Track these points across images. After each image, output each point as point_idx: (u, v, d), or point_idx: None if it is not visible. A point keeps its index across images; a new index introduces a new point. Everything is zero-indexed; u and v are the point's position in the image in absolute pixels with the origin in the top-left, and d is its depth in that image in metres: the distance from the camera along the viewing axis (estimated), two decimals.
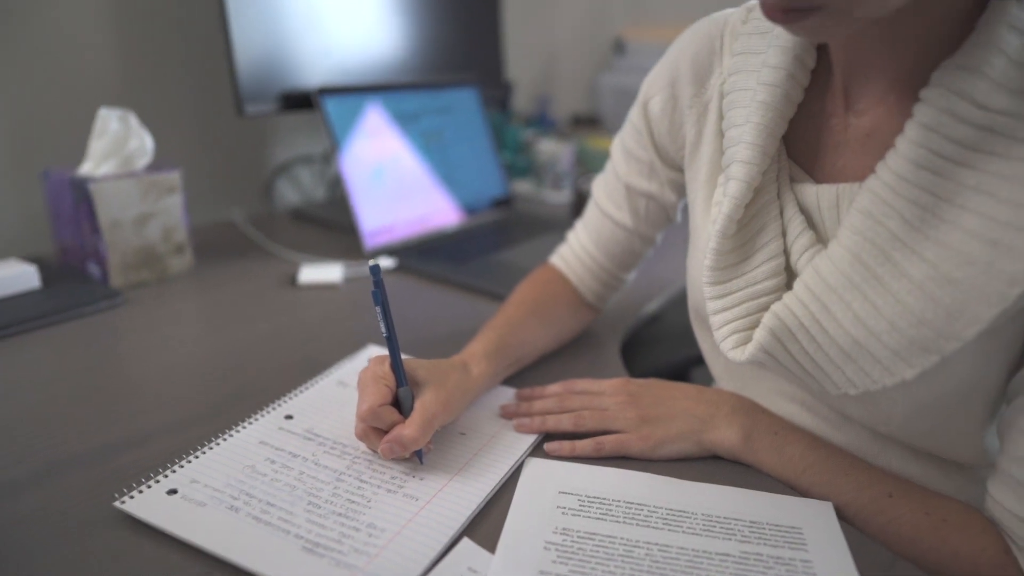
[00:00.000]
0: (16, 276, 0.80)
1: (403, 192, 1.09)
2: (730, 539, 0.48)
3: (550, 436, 0.59)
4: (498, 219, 1.23)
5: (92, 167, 0.86)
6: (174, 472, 0.51)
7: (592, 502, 0.51)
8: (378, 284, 0.53)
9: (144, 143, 0.88)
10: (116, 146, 0.86)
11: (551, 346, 0.72)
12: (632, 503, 0.51)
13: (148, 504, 0.48)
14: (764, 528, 0.49)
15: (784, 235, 0.51)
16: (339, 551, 0.44)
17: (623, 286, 0.77)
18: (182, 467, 0.52)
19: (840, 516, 0.50)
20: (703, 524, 0.49)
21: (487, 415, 0.61)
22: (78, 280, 0.85)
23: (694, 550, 0.46)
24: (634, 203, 0.69)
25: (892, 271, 0.45)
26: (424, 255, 1.02)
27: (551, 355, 0.73)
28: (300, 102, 1.07)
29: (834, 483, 0.52)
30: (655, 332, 0.93)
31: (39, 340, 0.73)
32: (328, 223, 1.17)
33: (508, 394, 0.65)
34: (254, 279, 0.92)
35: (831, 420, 0.55)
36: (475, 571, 0.44)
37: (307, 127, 1.33)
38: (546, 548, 0.46)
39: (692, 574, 0.44)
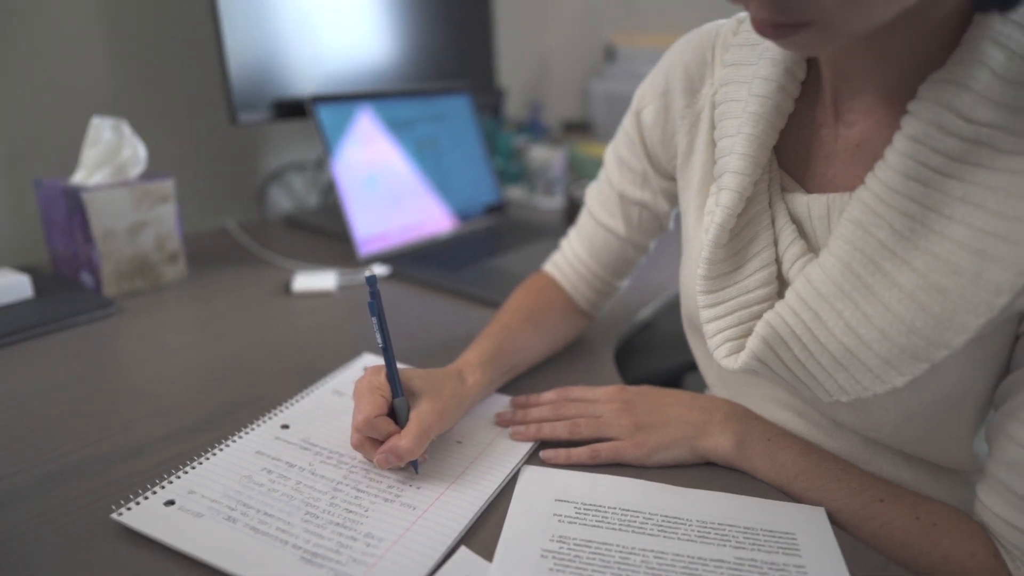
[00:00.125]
0: (9, 286, 0.80)
1: (396, 199, 1.10)
2: (725, 545, 0.48)
3: (545, 443, 0.59)
4: (491, 225, 1.23)
5: (85, 176, 0.86)
6: (171, 483, 0.51)
7: (588, 509, 0.51)
8: (374, 295, 0.53)
9: (137, 152, 0.88)
10: (109, 155, 0.86)
11: (546, 353, 0.72)
12: (628, 510, 0.51)
13: (145, 516, 0.48)
14: (758, 534, 0.49)
15: (776, 244, 0.52)
16: (337, 561, 0.45)
17: (616, 293, 0.78)
18: (179, 478, 0.52)
19: (833, 521, 0.51)
20: (698, 531, 0.49)
21: (483, 423, 0.62)
22: (71, 289, 0.85)
23: (689, 556, 0.47)
24: (627, 211, 0.70)
25: (882, 280, 0.46)
26: (418, 262, 1.02)
27: (545, 362, 0.73)
28: (293, 110, 1.07)
29: (827, 488, 0.53)
30: (648, 339, 0.93)
31: (32, 350, 0.73)
32: (321, 230, 1.18)
33: (503, 402, 0.65)
34: (248, 287, 0.92)
35: (823, 426, 0.55)
36: None
37: (299, 134, 1.33)
38: (543, 556, 0.46)
39: None
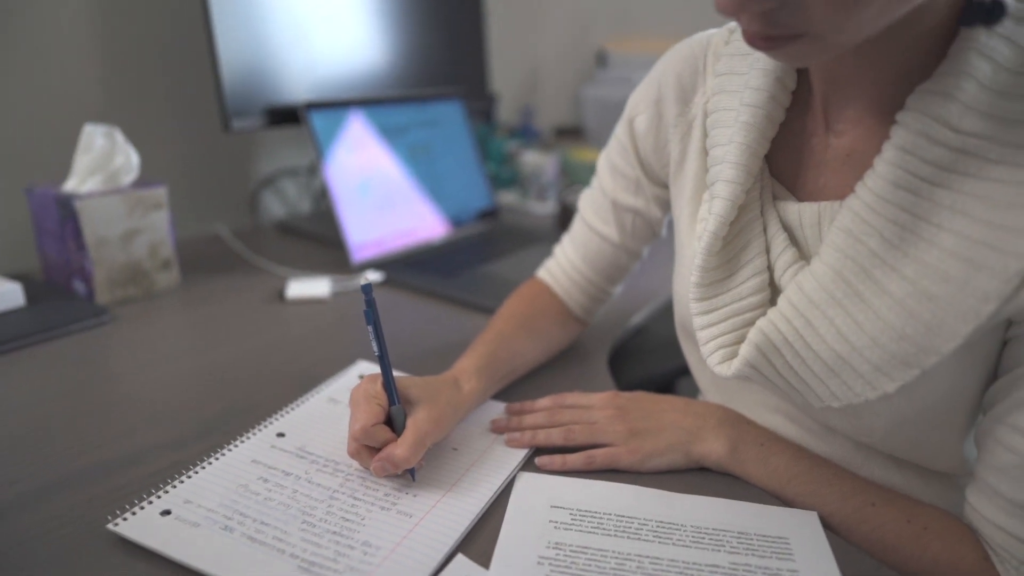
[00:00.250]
0: (0, 294, 0.79)
1: (390, 205, 1.10)
2: (719, 550, 0.49)
3: (541, 450, 0.59)
4: (484, 231, 1.24)
5: (77, 183, 0.86)
6: (167, 493, 0.51)
7: (584, 516, 0.52)
8: (370, 304, 0.54)
9: (130, 159, 0.88)
10: (101, 162, 0.86)
11: (540, 359, 0.73)
12: (623, 516, 0.52)
13: (142, 526, 0.48)
14: (752, 539, 0.50)
15: (768, 251, 0.52)
16: (335, 570, 0.45)
17: (610, 299, 0.78)
18: (175, 487, 0.52)
19: (825, 525, 0.52)
20: (692, 536, 0.50)
21: (478, 430, 0.62)
22: (63, 297, 0.85)
23: (684, 562, 0.47)
24: (620, 218, 0.70)
25: (873, 288, 0.46)
26: (411, 268, 1.02)
27: (540, 368, 0.73)
28: (286, 117, 1.07)
29: (819, 493, 0.53)
30: (641, 344, 0.94)
31: (25, 359, 0.72)
32: (314, 236, 1.18)
33: (498, 408, 0.65)
34: (241, 294, 0.92)
35: (815, 431, 0.56)
36: None
37: (292, 140, 1.33)
38: (539, 563, 0.47)
39: None
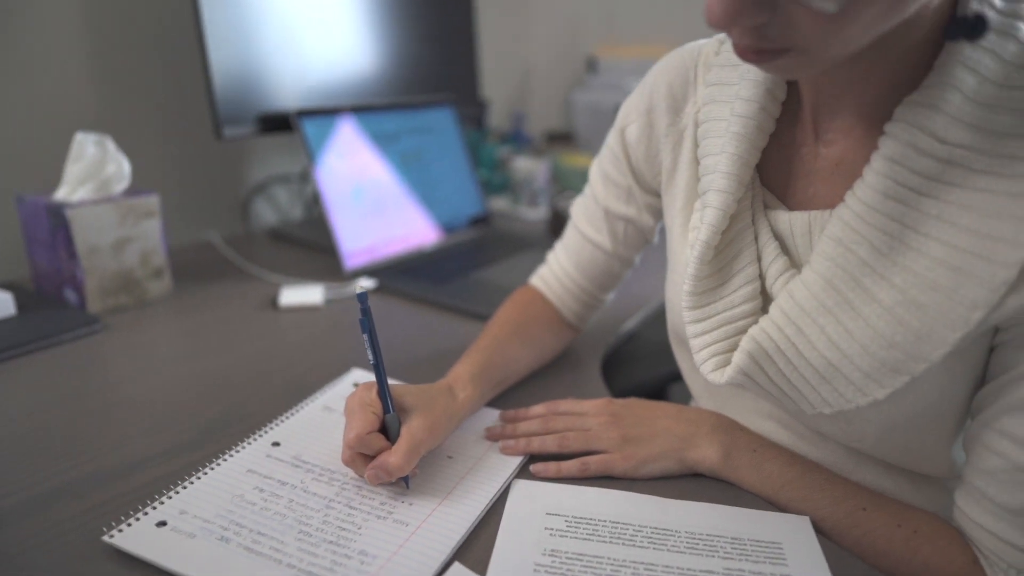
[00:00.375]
0: None
1: (382, 212, 1.10)
2: (713, 556, 0.49)
3: (535, 457, 0.60)
4: (476, 237, 1.24)
5: (68, 192, 0.85)
6: (162, 503, 0.51)
7: (579, 522, 0.52)
8: (366, 312, 0.54)
9: (121, 167, 0.88)
10: (93, 171, 0.86)
11: (534, 366, 0.73)
12: (618, 523, 0.52)
13: (138, 537, 0.48)
14: (745, 544, 0.50)
15: (759, 260, 0.53)
16: None
17: (603, 306, 0.79)
18: (170, 498, 0.52)
19: (817, 530, 0.52)
20: (687, 542, 0.50)
21: (473, 437, 0.62)
22: (55, 306, 0.85)
23: (679, 568, 0.48)
24: (613, 226, 0.71)
25: (863, 296, 0.47)
26: (404, 275, 1.02)
27: (534, 375, 0.74)
28: (278, 124, 1.07)
29: (811, 498, 0.54)
30: (633, 349, 0.94)
31: (16, 369, 0.72)
32: (306, 243, 1.17)
33: (493, 416, 0.66)
34: (234, 302, 0.92)
35: (807, 437, 0.57)
36: None
37: (283, 147, 1.33)
38: (536, 570, 0.47)
39: None
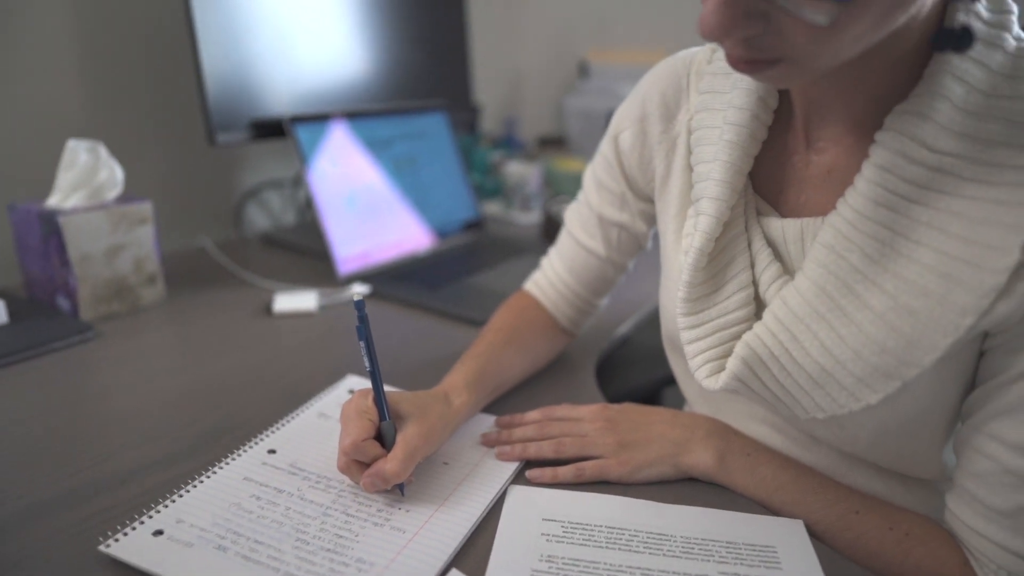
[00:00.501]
0: None
1: (375, 218, 1.10)
2: (708, 560, 0.50)
3: (531, 463, 0.60)
4: (469, 242, 1.24)
5: (60, 199, 0.85)
6: (159, 512, 0.51)
7: (575, 528, 0.52)
8: (363, 319, 0.54)
9: (114, 174, 0.88)
10: (85, 178, 0.86)
11: (529, 372, 0.73)
12: (614, 528, 0.52)
13: (134, 546, 0.47)
14: (740, 548, 0.51)
15: (752, 267, 0.54)
16: None
17: (596, 311, 0.79)
18: (166, 507, 0.52)
19: (810, 533, 0.53)
20: (682, 546, 0.51)
21: (469, 444, 0.62)
22: (47, 314, 0.84)
23: (675, 572, 0.48)
24: (607, 232, 0.71)
25: (855, 302, 0.48)
26: (398, 280, 1.02)
27: (528, 380, 0.74)
28: (271, 130, 1.07)
29: (804, 502, 0.54)
30: (627, 354, 0.95)
31: (8, 377, 0.72)
32: (299, 248, 1.17)
33: (488, 421, 0.66)
34: (228, 308, 0.92)
35: (800, 441, 0.57)
36: None
37: (275, 152, 1.33)
38: None
39: None
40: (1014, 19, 0.46)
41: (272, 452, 0.59)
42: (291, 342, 0.83)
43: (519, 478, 0.58)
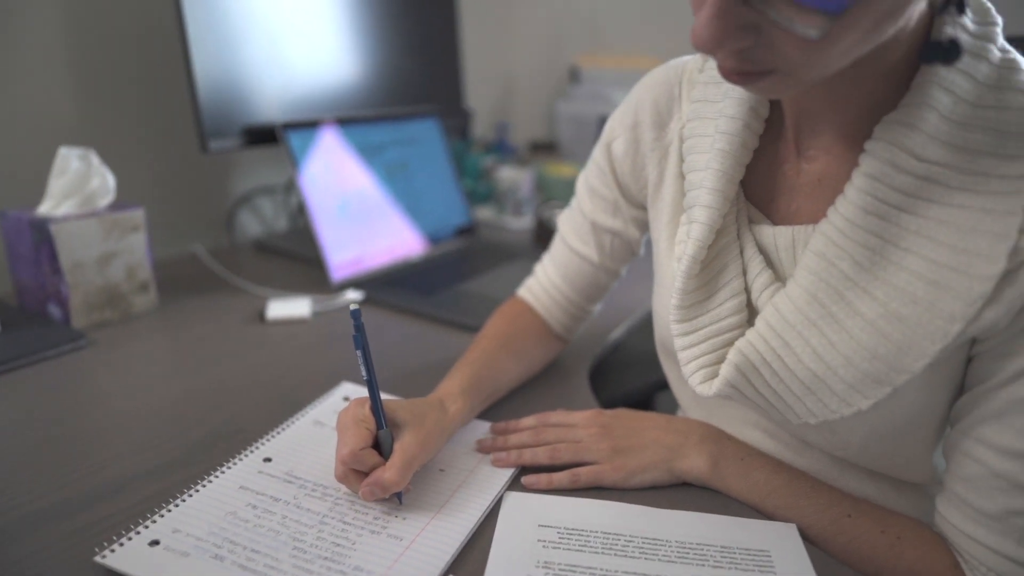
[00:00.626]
0: None
1: (368, 224, 1.10)
2: (703, 565, 0.50)
3: (526, 469, 0.60)
4: (462, 247, 1.25)
5: (51, 206, 0.85)
6: (154, 522, 0.51)
7: (571, 534, 0.53)
8: (359, 329, 0.54)
9: (106, 181, 0.87)
10: (77, 185, 0.85)
11: (523, 378, 0.74)
12: (609, 533, 0.53)
13: (130, 557, 0.47)
14: (734, 552, 0.51)
15: (744, 274, 0.54)
16: None
17: (590, 317, 0.80)
18: (162, 516, 0.52)
19: (804, 537, 0.53)
20: (677, 551, 0.51)
21: (464, 450, 0.63)
22: (38, 322, 0.84)
23: None
24: (600, 239, 0.72)
25: (846, 309, 0.49)
26: (391, 286, 1.03)
27: (522, 386, 0.74)
28: (263, 136, 1.07)
29: (797, 505, 0.55)
30: (620, 359, 0.95)
31: (0, 387, 0.71)
32: (292, 254, 1.17)
33: (483, 428, 0.66)
34: (221, 315, 0.92)
35: (793, 446, 0.58)
36: None
37: (267, 158, 1.33)
38: None
39: None
40: (998, 31, 0.47)
41: (268, 460, 0.59)
42: (285, 349, 0.83)
43: (515, 484, 0.59)
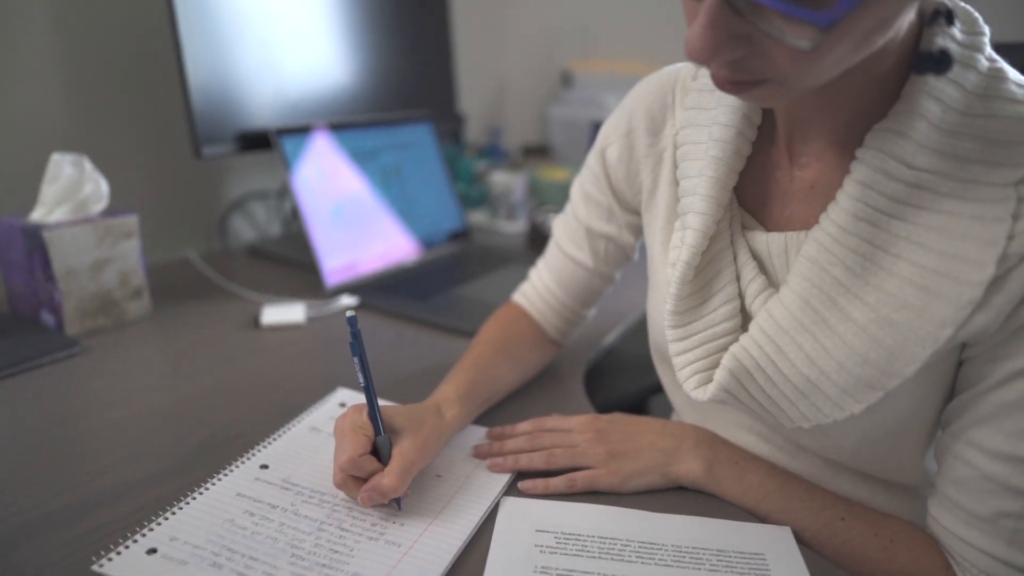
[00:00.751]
0: None
1: (362, 229, 1.10)
2: (699, 568, 0.50)
3: (523, 474, 0.60)
4: (455, 252, 1.25)
5: (44, 213, 0.84)
6: (151, 530, 0.51)
7: (568, 539, 0.53)
8: (355, 335, 0.54)
9: (99, 187, 0.87)
10: (70, 191, 0.85)
11: (518, 383, 0.74)
12: (606, 538, 0.53)
13: (128, 565, 0.47)
14: (730, 556, 0.52)
15: (738, 279, 0.55)
16: None
17: (584, 322, 0.80)
18: (159, 524, 0.52)
19: (798, 539, 0.54)
20: (673, 555, 0.52)
21: (461, 456, 0.63)
22: (31, 329, 0.83)
23: None
24: (594, 244, 0.72)
25: (838, 315, 0.49)
26: (385, 292, 1.03)
27: (518, 391, 0.75)
28: (257, 142, 1.07)
29: (791, 509, 0.56)
30: (614, 363, 0.96)
31: None
32: (285, 259, 1.17)
33: (480, 433, 0.66)
34: (215, 321, 0.92)
35: (786, 450, 0.58)
36: None
37: (260, 162, 1.33)
38: None
39: None
40: (986, 40, 0.48)
41: (264, 467, 0.59)
42: (280, 355, 0.83)
43: (511, 489, 0.59)
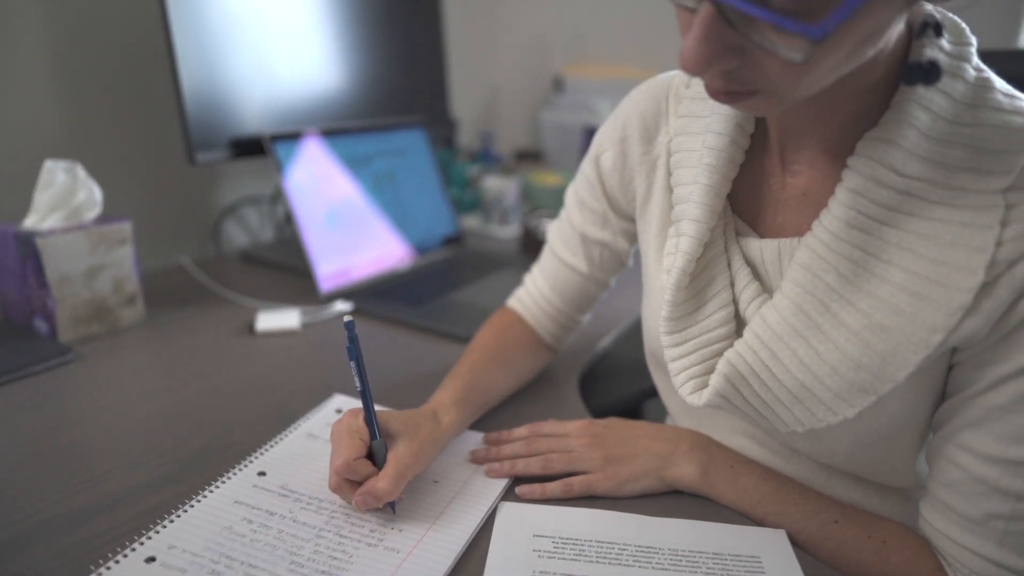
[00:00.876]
0: None
1: (356, 235, 1.11)
2: (696, 572, 0.51)
3: (520, 479, 0.61)
4: (449, 257, 1.25)
5: (37, 220, 0.84)
6: (150, 539, 0.51)
7: (566, 543, 0.53)
8: (352, 340, 0.55)
9: (93, 194, 0.87)
10: (63, 198, 0.85)
11: (514, 388, 0.74)
12: (603, 542, 0.54)
13: (127, 574, 0.47)
14: (726, 559, 0.52)
15: (732, 286, 0.56)
16: None
17: (579, 327, 0.80)
18: (157, 532, 0.52)
19: (793, 542, 0.55)
20: (670, 559, 0.52)
21: (458, 461, 0.63)
22: (24, 337, 0.83)
23: None
24: (589, 250, 0.73)
25: (831, 320, 0.50)
26: (379, 297, 1.03)
27: (513, 396, 0.75)
28: (251, 148, 1.07)
29: (786, 512, 0.56)
30: (608, 368, 0.96)
31: None
32: (279, 265, 1.17)
33: (476, 439, 0.67)
34: (210, 328, 0.91)
35: (781, 453, 0.59)
36: None
37: (253, 168, 1.33)
38: None
39: None
40: (973, 51, 0.49)
41: (262, 474, 0.59)
42: (275, 361, 0.83)
43: (509, 494, 0.59)
